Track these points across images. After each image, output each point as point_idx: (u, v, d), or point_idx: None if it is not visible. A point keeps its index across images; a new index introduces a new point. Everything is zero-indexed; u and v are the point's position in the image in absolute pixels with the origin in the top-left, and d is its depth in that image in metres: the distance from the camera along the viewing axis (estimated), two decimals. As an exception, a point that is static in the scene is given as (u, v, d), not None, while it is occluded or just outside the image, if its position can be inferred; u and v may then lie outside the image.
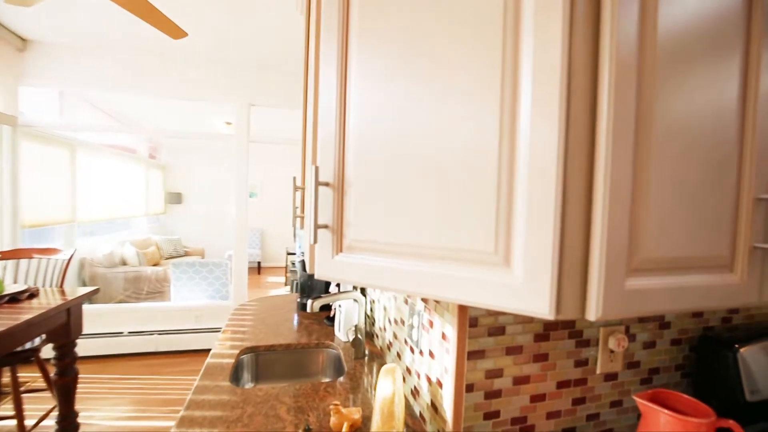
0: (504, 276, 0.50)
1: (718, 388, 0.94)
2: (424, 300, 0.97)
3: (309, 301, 1.24)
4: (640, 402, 0.74)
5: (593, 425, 0.93)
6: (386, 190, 0.58)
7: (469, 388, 0.81)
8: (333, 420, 0.89)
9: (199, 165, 6.72)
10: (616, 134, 0.47)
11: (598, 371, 0.91)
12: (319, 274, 0.67)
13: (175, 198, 6.48)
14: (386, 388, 0.82)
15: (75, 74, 3.02)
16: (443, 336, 0.85)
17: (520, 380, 0.85)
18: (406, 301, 1.13)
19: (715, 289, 0.56)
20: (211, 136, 3.90)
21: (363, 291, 1.77)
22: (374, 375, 1.24)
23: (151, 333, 3.24)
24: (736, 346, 0.92)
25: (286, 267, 6.00)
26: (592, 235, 0.48)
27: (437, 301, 0.89)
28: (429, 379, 0.93)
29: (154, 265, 4.79)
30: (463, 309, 0.79)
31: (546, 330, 0.87)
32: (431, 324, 0.92)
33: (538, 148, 0.47)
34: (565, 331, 0.88)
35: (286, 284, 5.71)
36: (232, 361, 1.30)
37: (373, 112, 0.60)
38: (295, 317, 1.79)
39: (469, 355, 0.81)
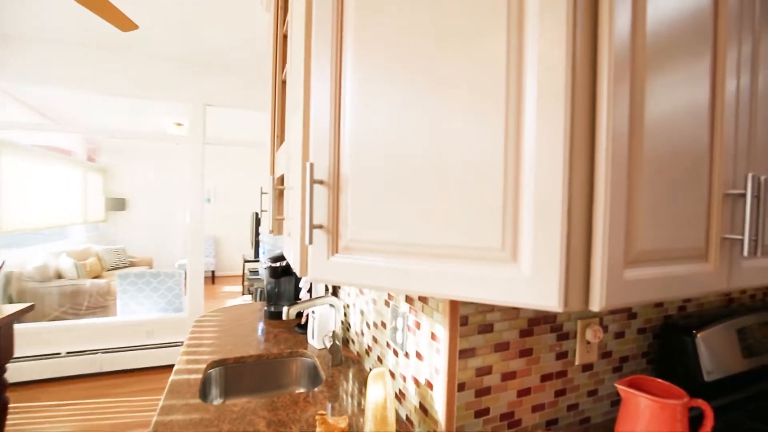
0: (511, 272, 0.50)
1: (679, 371, 1.02)
2: (410, 301, 0.96)
3: (285, 308, 1.19)
4: (622, 389, 0.78)
5: (573, 415, 0.96)
6: (387, 188, 0.57)
7: (460, 387, 0.81)
8: (319, 430, 0.85)
9: (145, 168, 6.27)
10: (614, 133, 0.48)
11: (576, 362, 0.95)
12: (314, 277, 0.63)
13: (118, 204, 5.99)
14: (377, 393, 0.79)
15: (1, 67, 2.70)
16: (433, 336, 0.85)
17: (508, 376, 0.87)
18: (387, 304, 1.11)
19: (695, 278, 0.60)
20: (163, 137, 3.65)
21: (336, 294, 1.73)
22: (353, 381, 1.20)
23: (94, 352, 2.95)
24: (694, 332, 1.00)
25: (243, 275, 5.74)
26: (594, 230, 0.49)
27: (425, 302, 0.89)
28: (417, 381, 0.92)
29: (95, 277, 4.38)
30: (454, 308, 0.79)
31: (530, 325, 0.89)
32: (418, 325, 0.92)
33: (544, 149, 0.47)
34: (547, 325, 0.91)
35: (243, 293, 5.46)
36: (200, 376, 1.21)
37: (370, 113, 0.58)
38: (263, 326, 1.71)
39: (459, 354, 0.81)
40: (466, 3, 0.51)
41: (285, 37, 1.50)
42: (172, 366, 3.13)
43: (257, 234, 5.51)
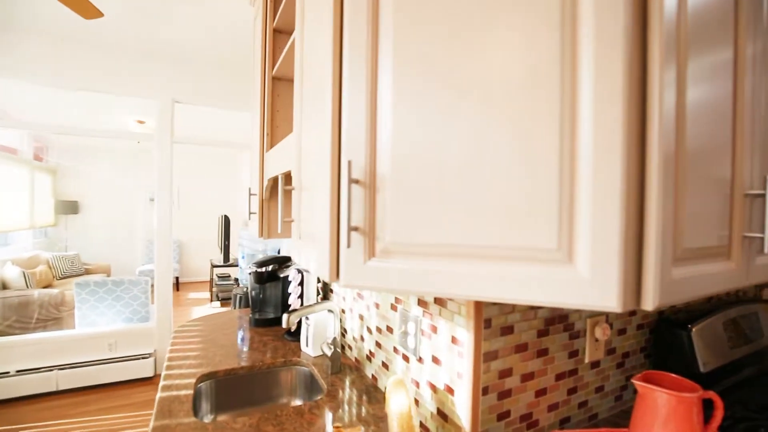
0: (567, 272, 0.49)
1: (676, 364, 1.06)
2: (423, 304, 0.94)
3: (285, 316, 1.13)
4: (639, 384, 0.80)
5: (583, 412, 0.98)
6: (430, 188, 0.54)
7: (484, 390, 0.80)
8: (336, 444, 0.81)
9: (100, 169, 5.85)
10: (664, 124, 0.48)
11: (586, 360, 0.97)
12: (348, 283, 0.59)
13: (70, 207, 5.54)
14: (401, 402, 0.76)
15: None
16: (453, 340, 0.83)
17: (527, 377, 0.86)
18: (394, 308, 1.08)
19: (722, 275, 0.62)
20: (126, 136, 3.39)
21: (327, 298, 1.67)
22: (356, 389, 1.16)
23: (49, 369, 2.69)
24: (689, 326, 1.05)
25: (211, 281, 5.49)
26: (646, 228, 0.49)
27: (442, 305, 0.87)
28: (433, 387, 0.89)
29: (46, 286, 4.02)
30: (479, 311, 0.77)
31: (546, 325, 0.89)
32: (435, 329, 0.89)
33: (602, 147, 0.46)
34: (561, 324, 0.92)
35: (212, 300, 5.22)
36: (190, 392, 1.12)
37: (410, 113, 0.55)
38: (250, 335, 1.62)
39: (483, 357, 0.79)
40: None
41: (275, 31, 1.44)
42: (139, 380, 2.93)
43: (227, 238, 5.29)
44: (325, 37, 0.66)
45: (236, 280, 5.46)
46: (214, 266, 5.36)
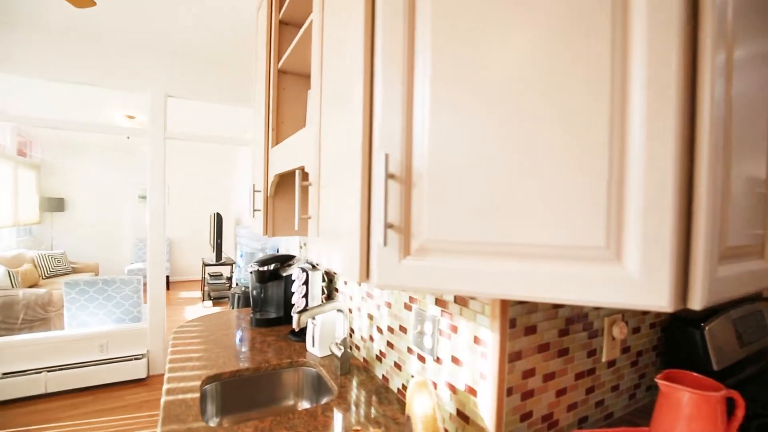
0: (615, 271, 0.48)
1: (689, 362, 1.07)
2: (442, 304, 0.92)
3: (296, 316, 1.10)
4: (663, 383, 0.79)
5: (600, 411, 0.97)
6: (470, 184, 0.52)
7: (508, 391, 0.78)
8: (356, 448, 0.79)
9: (87, 165, 5.69)
10: (714, 117, 0.46)
11: (603, 359, 0.96)
12: (381, 283, 0.57)
13: (56, 204, 5.39)
14: (425, 404, 0.74)
15: None
16: (476, 340, 0.81)
17: (548, 377, 0.85)
18: (408, 307, 1.06)
19: (756, 274, 0.61)
20: (117, 131, 3.28)
21: (331, 297, 1.65)
22: (367, 391, 1.14)
23: (37, 371, 2.61)
24: (702, 324, 1.05)
25: (202, 280, 5.40)
26: (695, 225, 0.48)
27: (464, 305, 0.85)
28: (453, 388, 0.88)
29: (32, 286, 3.90)
30: (504, 310, 0.76)
31: (566, 324, 0.88)
32: (455, 329, 0.88)
33: (654, 142, 0.45)
34: (580, 323, 0.91)
35: (204, 299, 5.13)
36: (197, 395, 1.08)
37: (449, 110, 0.53)
38: (252, 335, 1.59)
39: (508, 357, 0.78)
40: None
41: (281, 22, 1.40)
42: (131, 382, 2.86)
43: (219, 236, 5.20)
44: (354, 30, 0.64)
45: (229, 279, 5.38)
46: (206, 265, 5.27)
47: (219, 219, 5.19)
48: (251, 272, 1.75)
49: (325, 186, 0.76)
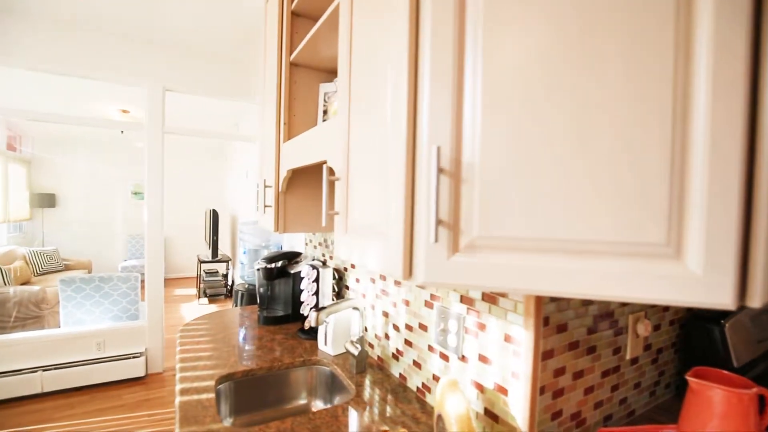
0: (675, 268, 0.46)
1: (708, 359, 1.07)
2: (467, 301, 0.91)
3: (313, 314, 1.08)
4: (694, 381, 0.79)
5: (623, 408, 0.97)
6: (522, 179, 0.50)
7: (540, 390, 0.77)
8: (385, 449, 0.77)
9: (78, 160, 5.57)
10: None
11: (627, 356, 0.96)
12: (427, 281, 0.55)
13: (47, 200, 5.27)
14: (459, 404, 0.73)
15: None
16: (507, 338, 0.80)
17: (577, 375, 0.84)
18: (429, 305, 1.05)
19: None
20: (112, 124, 3.20)
21: (341, 295, 1.63)
22: (385, 389, 1.12)
23: (33, 370, 2.55)
24: (722, 321, 1.06)
25: (198, 277, 5.33)
26: (755, 221, 0.47)
27: (493, 302, 0.84)
28: (480, 386, 0.87)
29: (24, 283, 3.81)
30: (539, 308, 0.75)
31: (594, 322, 0.87)
32: (482, 327, 0.86)
33: (719, 135, 0.44)
34: (607, 321, 0.90)
35: (200, 296, 5.07)
36: (212, 395, 1.06)
37: (503, 99, 0.51)
38: (260, 333, 1.56)
39: (541, 355, 0.77)
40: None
41: (293, 14, 1.37)
42: (129, 381, 2.81)
43: (215, 233, 5.14)
44: (393, 18, 0.61)
45: (225, 276, 5.32)
46: (201, 262, 5.20)
47: (215, 215, 5.13)
48: (258, 269, 1.72)
49: (354, 181, 0.74)
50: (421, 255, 0.55)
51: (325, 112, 1.35)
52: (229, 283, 5.34)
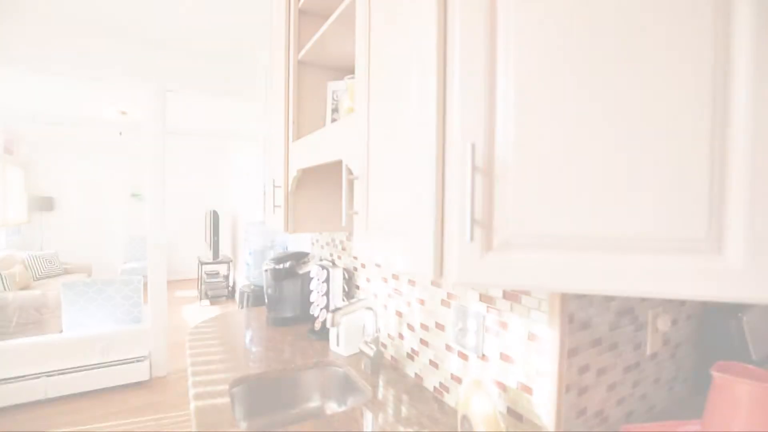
0: (713, 263, 0.45)
1: (726, 353, 1.06)
2: (487, 300, 0.90)
3: (329, 315, 1.06)
4: (719, 375, 0.78)
5: (644, 405, 0.96)
6: (558, 175, 0.49)
7: (566, 388, 0.76)
8: (409, 451, 0.76)
9: (76, 163, 5.53)
10: None
11: (647, 352, 0.95)
12: (461, 281, 0.54)
13: (45, 203, 5.22)
14: (485, 405, 0.72)
15: None
16: (531, 336, 0.79)
17: (600, 372, 0.84)
18: (446, 304, 1.04)
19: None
20: (111, 126, 3.18)
21: (351, 295, 1.61)
22: (401, 390, 1.11)
23: (36, 376, 2.52)
24: (740, 315, 1.05)
25: (199, 279, 5.30)
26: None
27: (515, 300, 0.83)
28: (502, 386, 0.86)
29: (23, 288, 3.78)
30: (565, 306, 0.74)
31: (616, 318, 0.87)
32: (504, 325, 0.85)
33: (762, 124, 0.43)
34: (627, 317, 0.89)
35: (201, 298, 5.04)
36: (227, 399, 1.05)
37: (539, 93, 0.50)
38: (269, 335, 1.55)
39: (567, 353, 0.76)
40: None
41: (301, 12, 1.35)
42: (134, 385, 2.79)
43: (216, 234, 5.11)
44: (416, 12, 0.60)
45: (226, 277, 5.30)
46: (202, 263, 5.17)
47: (215, 217, 5.10)
48: (266, 270, 1.71)
49: (375, 180, 0.73)
50: (454, 254, 0.54)
51: (333, 111, 1.33)
52: (231, 284, 5.31)
